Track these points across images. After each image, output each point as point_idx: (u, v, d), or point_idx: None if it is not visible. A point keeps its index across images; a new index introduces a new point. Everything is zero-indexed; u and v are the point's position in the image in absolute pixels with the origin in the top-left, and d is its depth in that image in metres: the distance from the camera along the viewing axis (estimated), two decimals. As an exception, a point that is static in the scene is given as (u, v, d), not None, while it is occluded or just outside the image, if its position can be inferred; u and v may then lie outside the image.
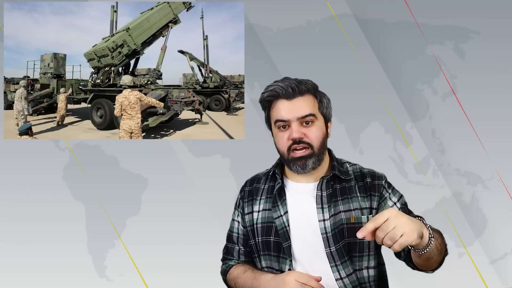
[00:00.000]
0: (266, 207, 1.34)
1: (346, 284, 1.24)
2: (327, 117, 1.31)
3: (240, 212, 1.42)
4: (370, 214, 1.27)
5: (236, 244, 1.43)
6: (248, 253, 1.41)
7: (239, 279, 1.35)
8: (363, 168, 1.36)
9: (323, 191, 1.28)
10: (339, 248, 1.24)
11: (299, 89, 1.25)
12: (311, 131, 1.25)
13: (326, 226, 1.24)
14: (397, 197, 1.32)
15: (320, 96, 1.29)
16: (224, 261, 1.47)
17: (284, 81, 1.27)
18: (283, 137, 1.26)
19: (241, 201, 1.43)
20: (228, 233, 1.46)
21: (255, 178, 1.44)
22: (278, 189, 1.32)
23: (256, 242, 1.34)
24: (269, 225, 1.31)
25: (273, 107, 1.28)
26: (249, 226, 1.36)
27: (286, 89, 1.25)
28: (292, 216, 1.29)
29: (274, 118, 1.28)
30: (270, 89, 1.27)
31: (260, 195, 1.38)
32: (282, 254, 1.28)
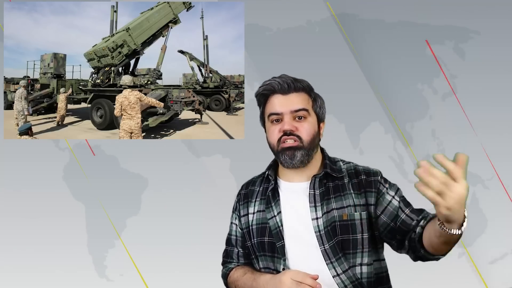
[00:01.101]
0: (260, 209, 1.36)
1: (344, 280, 1.24)
2: (320, 117, 1.33)
3: (237, 215, 1.44)
4: (364, 211, 1.27)
5: (235, 246, 1.44)
6: (247, 255, 1.41)
7: (239, 281, 1.36)
8: (358, 166, 1.36)
9: (315, 190, 1.29)
10: (332, 245, 1.24)
11: (295, 86, 1.29)
12: (302, 126, 1.28)
13: (319, 224, 1.25)
14: (394, 191, 1.32)
15: (314, 95, 1.33)
16: (224, 265, 1.48)
17: (281, 77, 1.31)
18: (275, 129, 1.29)
19: (237, 204, 1.45)
20: (227, 237, 1.48)
21: (251, 181, 1.46)
22: (271, 190, 1.34)
23: (252, 244, 1.35)
24: (263, 226, 1.32)
25: (268, 101, 1.32)
26: (245, 228, 1.38)
27: (282, 84, 1.29)
28: (285, 216, 1.30)
29: (268, 112, 1.31)
30: (267, 83, 1.31)
31: (255, 197, 1.39)
32: (276, 254, 1.29)
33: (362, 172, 1.33)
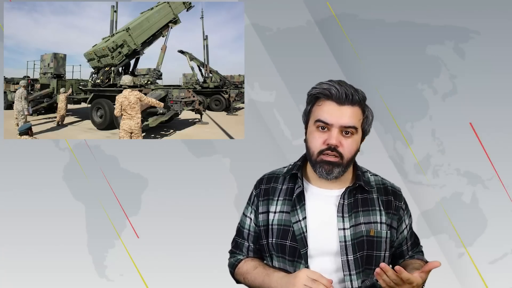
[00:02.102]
0: (283, 210, 1.32)
1: None
2: (366, 133, 1.31)
3: (253, 209, 1.40)
4: (389, 231, 1.30)
5: (246, 240, 1.41)
6: (257, 251, 1.40)
7: (249, 274, 1.35)
8: (385, 180, 1.38)
9: (345, 200, 1.28)
10: (356, 258, 1.24)
11: (352, 98, 1.23)
12: (347, 142, 1.24)
13: (346, 235, 1.25)
14: (408, 219, 1.39)
15: (367, 111, 1.28)
16: (232, 254, 1.46)
17: (339, 83, 1.25)
18: (319, 138, 1.24)
19: (255, 199, 1.40)
20: (239, 227, 1.45)
21: (273, 176, 1.41)
22: (298, 193, 1.31)
23: (269, 243, 1.33)
24: (286, 228, 1.30)
25: (319, 104, 1.25)
26: (263, 225, 1.35)
27: (339, 93, 1.22)
28: (310, 222, 1.28)
29: (316, 116, 1.25)
30: (324, 87, 1.24)
31: (278, 195, 1.35)
32: (297, 259, 1.27)
33: (390, 191, 1.35)
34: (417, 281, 1.16)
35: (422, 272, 1.18)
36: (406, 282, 1.15)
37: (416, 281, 1.16)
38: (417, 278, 1.16)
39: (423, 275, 1.18)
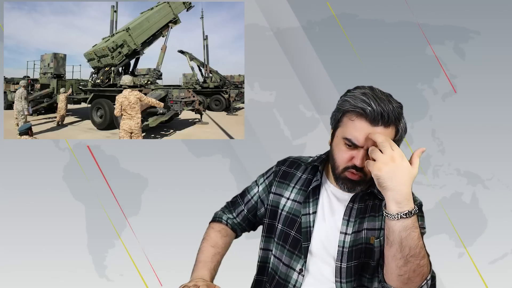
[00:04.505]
0: (297, 199, 1.31)
1: None
2: None
3: (266, 183, 1.39)
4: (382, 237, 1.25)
5: (244, 204, 1.43)
6: (246, 219, 1.42)
7: (205, 241, 1.41)
8: None
9: (354, 203, 1.25)
10: (350, 266, 1.22)
11: (388, 119, 1.14)
12: None
13: (345, 241, 1.23)
14: (422, 226, 1.32)
15: (401, 132, 1.20)
16: (223, 210, 1.49)
17: (376, 99, 1.14)
18: (346, 154, 1.17)
19: (272, 175, 1.39)
20: (244, 190, 1.46)
21: (296, 162, 1.38)
22: (314, 186, 1.29)
23: (272, 225, 1.32)
24: (294, 218, 1.29)
25: (352, 119, 1.16)
26: (271, 205, 1.35)
27: (375, 114, 1.13)
28: (318, 217, 1.27)
29: (345, 133, 1.17)
30: (359, 105, 1.14)
31: (295, 183, 1.34)
32: (297, 252, 1.27)
33: None
34: (396, 149, 1.08)
35: (411, 162, 1.09)
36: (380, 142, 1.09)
37: (395, 148, 1.08)
38: (396, 148, 1.08)
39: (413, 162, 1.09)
